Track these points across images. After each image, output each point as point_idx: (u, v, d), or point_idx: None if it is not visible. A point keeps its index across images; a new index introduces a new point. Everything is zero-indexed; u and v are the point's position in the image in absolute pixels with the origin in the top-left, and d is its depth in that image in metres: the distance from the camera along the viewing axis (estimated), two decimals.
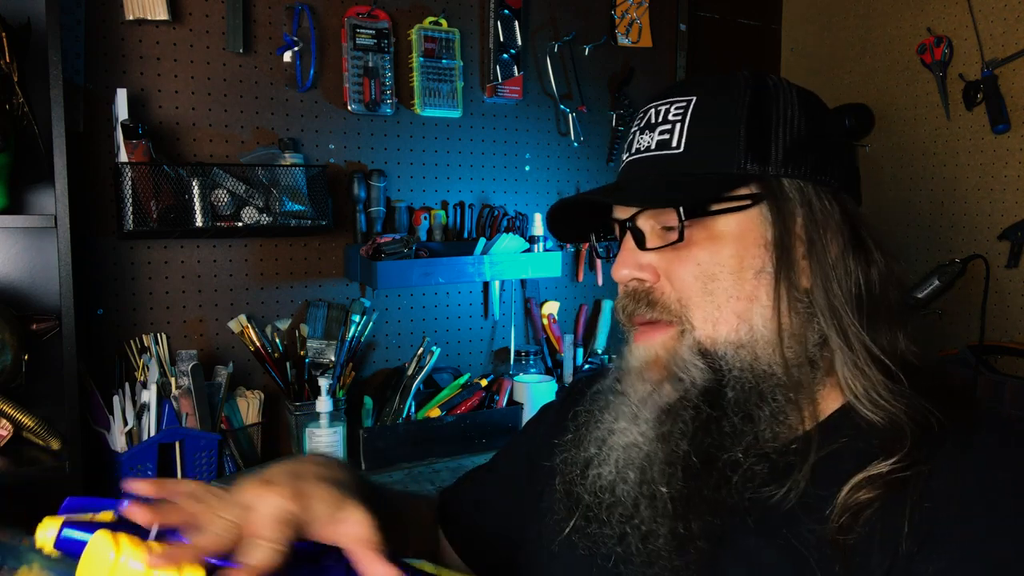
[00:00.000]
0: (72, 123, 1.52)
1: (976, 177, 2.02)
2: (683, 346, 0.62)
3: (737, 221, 0.62)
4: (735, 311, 0.61)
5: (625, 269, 0.65)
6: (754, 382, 0.60)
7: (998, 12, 1.94)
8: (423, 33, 1.88)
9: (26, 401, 1.43)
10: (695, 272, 0.62)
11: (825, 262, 0.61)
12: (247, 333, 1.71)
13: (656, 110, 0.66)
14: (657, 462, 0.61)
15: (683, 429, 0.60)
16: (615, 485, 0.63)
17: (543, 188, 2.16)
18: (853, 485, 0.55)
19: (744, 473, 0.59)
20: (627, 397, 0.65)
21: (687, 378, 0.61)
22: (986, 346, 1.93)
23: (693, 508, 0.59)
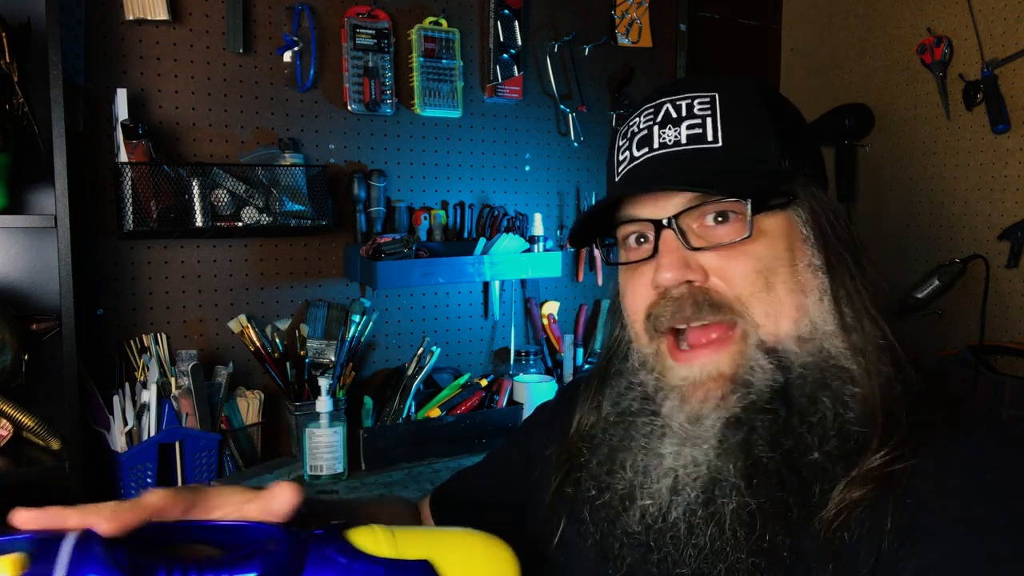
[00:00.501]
0: (72, 123, 1.52)
1: (976, 177, 2.02)
2: (749, 347, 0.60)
3: (782, 218, 0.62)
4: (795, 304, 0.60)
5: (671, 271, 0.61)
6: (821, 376, 0.59)
7: (998, 12, 1.94)
8: (423, 33, 1.88)
9: (26, 401, 1.43)
10: (756, 267, 0.60)
11: (850, 256, 0.63)
12: (247, 333, 1.71)
13: (674, 104, 0.64)
14: (729, 476, 0.58)
15: (763, 435, 0.58)
16: (669, 509, 0.60)
17: (543, 188, 2.16)
18: (847, 482, 0.55)
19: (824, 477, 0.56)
20: (670, 420, 0.62)
21: (757, 380, 0.59)
22: (986, 346, 1.93)
23: (776, 519, 0.56)
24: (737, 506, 0.57)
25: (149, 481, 1.51)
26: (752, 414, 0.58)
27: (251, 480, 1.60)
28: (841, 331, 0.60)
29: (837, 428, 0.57)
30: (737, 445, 0.58)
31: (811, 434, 0.57)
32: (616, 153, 0.69)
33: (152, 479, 1.52)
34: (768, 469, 0.57)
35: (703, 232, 0.62)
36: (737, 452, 0.58)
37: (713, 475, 0.59)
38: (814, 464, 0.57)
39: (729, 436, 0.58)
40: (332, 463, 1.66)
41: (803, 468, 0.57)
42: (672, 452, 0.61)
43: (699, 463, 0.59)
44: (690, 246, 0.61)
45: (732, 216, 0.61)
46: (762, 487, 0.57)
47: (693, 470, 0.60)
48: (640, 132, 0.65)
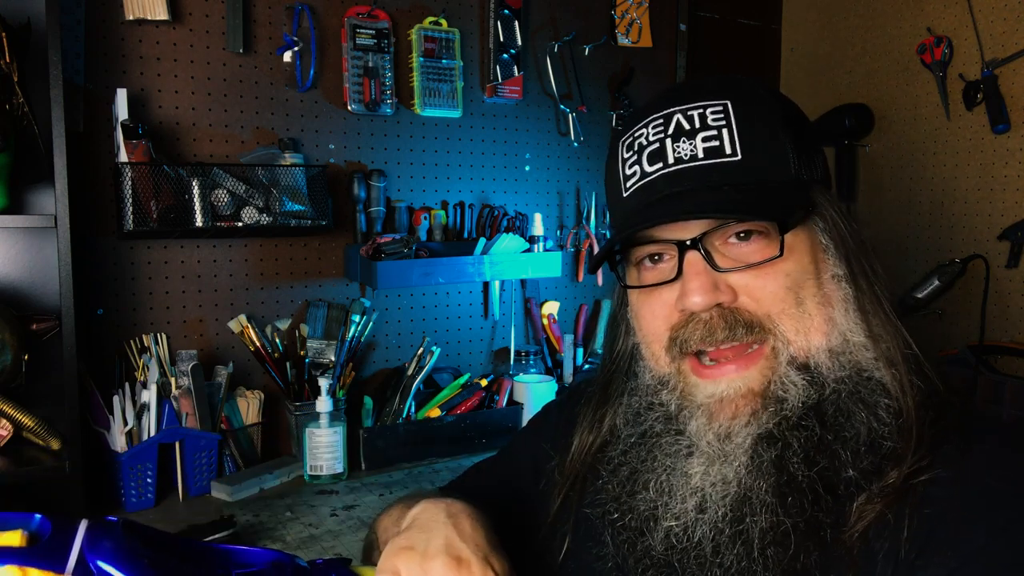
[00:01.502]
0: (72, 123, 1.52)
1: (976, 177, 2.02)
2: (781, 364, 0.58)
3: (804, 230, 0.61)
4: (823, 317, 0.59)
5: (700, 295, 0.58)
6: (855, 389, 0.58)
7: (998, 12, 1.94)
8: (423, 33, 1.88)
9: (26, 401, 1.43)
10: (786, 283, 0.59)
11: (868, 263, 0.62)
12: (247, 333, 1.71)
13: (685, 115, 0.61)
14: (760, 494, 0.56)
15: (797, 452, 0.56)
16: (694, 528, 0.59)
17: (543, 188, 2.16)
18: (869, 495, 0.54)
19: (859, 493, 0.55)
20: (695, 438, 0.60)
21: (791, 396, 0.57)
22: (986, 346, 1.93)
23: (810, 538, 0.55)
24: (767, 525, 0.55)
25: (149, 481, 1.51)
26: (786, 431, 0.57)
27: (251, 480, 1.60)
28: (870, 341, 0.59)
29: (870, 443, 0.56)
30: (770, 462, 0.56)
31: (845, 450, 0.56)
32: (622, 166, 0.65)
33: (152, 479, 1.52)
34: (803, 487, 0.55)
35: (727, 250, 0.60)
36: (770, 469, 0.56)
37: (744, 493, 0.57)
38: (849, 481, 0.56)
39: (762, 453, 0.57)
40: (332, 463, 1.66)
41: (838, 485, 0.56)
42: (700, 471, 0.59)
43: (729, 481, 0.58)
44: (717, 267, 0.59)
45: (756, 234, 0.59)
46: (797, 505, 0.55)
47: (722, 488, 0.58)
48: (651, 145, 0.62)
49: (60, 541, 0.45)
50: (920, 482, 0.54)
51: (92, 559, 0.45)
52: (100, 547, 0.45)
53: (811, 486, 0.55)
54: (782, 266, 0.59)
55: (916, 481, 0.54)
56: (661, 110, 0.63)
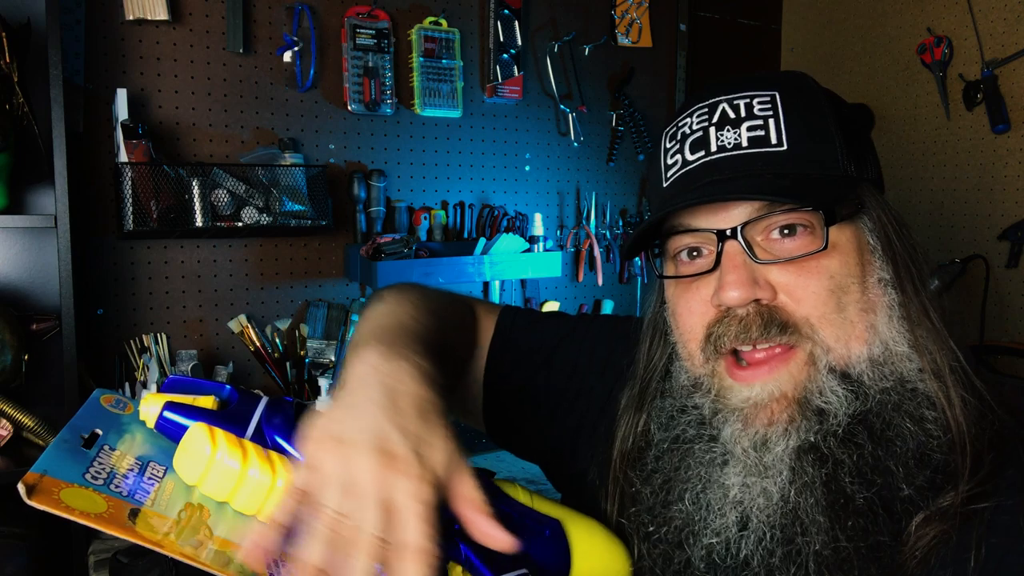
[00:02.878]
0: (72, 123, 1.52)
1: (976, 177, 2.02)
2: (819, 372, 0.54)
3: (851, 228, 0.57)
4: (865, 324, 0.55)
5: (738, 289, 0.54)
6: (900, 401, 0.54)
7: (998, 12, 1.94)
8: (423, 33, 1.88)
9: (26, 401, 1.43)
10: (829, 285, 0.55)
11: (916, 268, 0.59)
12: (247, 333, 1.71)
13: (731, 104, 0.58)
14: (812, 512, 0.53)
15: (850, 470, 0.53)
16: (740, 545, 0.55)
17: (543, 188, 2.16)
18: (926, 516, 0.52)
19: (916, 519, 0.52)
20: (731, 446, 0.57)
21: (831, 408, 0.54)
22: (986, 346, 1.93)
23: (875, 561, 0.52)
24: (822, 547, 0.52)
25: None
26: (834, 447, 0.53)
27: None
28: (914, 352, 0.56)
29: (920, 458, 0.53)
30: (820, 480, 0.53)
31: (899, 466, 0.53)
32: (664, 156, 0.62)
33: None
34: (863, 509, 0.52)
35: (768, 246, 0.56)
36: (819, 487, 0.53)
37: (792, 510, 0.54)
38: (907, 500, 0.52)
39: (807, 468, 0.53)
40: None
41: (895, 504, 0.52)
42: (738, 483, 0.56)
43: (771, 496, 0.54)
44: (757, 259, 0.55)
45: (800, 229, 0.56)
46: (857, 528, 0.52)
47: (764, 503, 0.55)
48: (694, 134, 0.59)
49: (244, 411, 0.52)
50: (985, 508, 0.51)
51: (268, 431, 0.51)
52: (274, 421, 0.52)
53: (870, 507, 0.52)
54: (826, 264, 0.55)
55: (980, 507, 0.51)
56: (707, 99, 0.60)
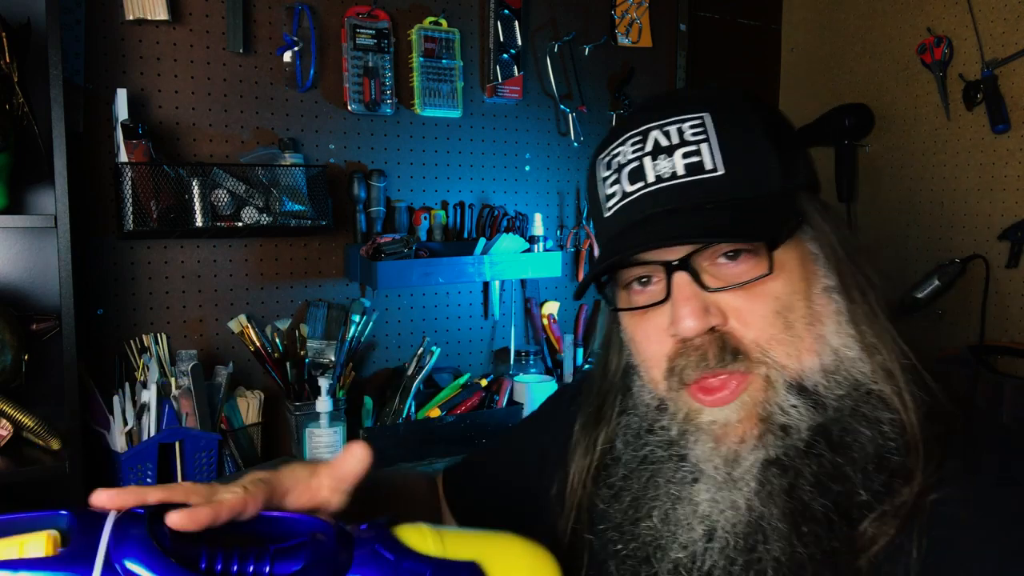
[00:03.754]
0: (72, 123, 1.52)
1: (976, 177, 2.02)
2: (777, 392, 0.56)
3: (793, 243, 0.58)
4: (813, 336, 0.57)
5: (693, 319, 0.55)
6: (856, 406, 0.56)
7: (998, 12, 1.94)
8: (423, 33, 1.88)
9: (26, 401, 1.43)
10: (775, 307, 0.56)
11: (860, 271, 0.60)
12: (247, 333, 1.71)
13: (662, 131, 0.59)
14: (774, 521, 0.55)
15: (809, 480, 0.54)
16: (704, 556, 0.57)
17: (543, 188, 2.16)
18: (877, 517, 0.53)
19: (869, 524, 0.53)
20: (700, 464, 0.58)
21: (794, 423, 0.55)
22: (986, 346, 1.93)
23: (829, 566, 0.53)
24: (780, 554, 0.54)
25: (149, 481, 1.51)
26: (796, 458, 0.55)
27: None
28: (865, 354, 0.57)
29: (878, 462, 0.54)
30: (782, 490, 0.55)
31: (856, 472, 0.54)
32: (601, 185, 0.63)
33: (152, 479, 1.51)
34: (818, 516, 0.54)
35: (715, 270, 0.57)
36: (781, 496, 0.55)
37: (755, 520, 0.55)
38: (864, 505, 0.54)
39: (771, 479, 0.55)
40: None
41: (852, 509, 0.54)
42: (707, 498, 0.57)
43: (739, 507, 0.56)
44: (706, 287, 0.56)
45: (745, 253, 0.57)
46: (812, 535, 0.53)
47: (732, 515, 0.56)
48: (630, 163, 0.60)
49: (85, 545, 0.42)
50: (929, 501, 0.52)
51: (122, 560, 0.42)
52: (127, 545, 0.42)
53: (826, 514, 0.54)
54: (772, 286, 0.56)
55: (926, 500, 0.52)
56: (638, 126, 0.60)
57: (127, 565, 0.42)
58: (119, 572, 0.42)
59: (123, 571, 0.42)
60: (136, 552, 0.42)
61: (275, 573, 0.46)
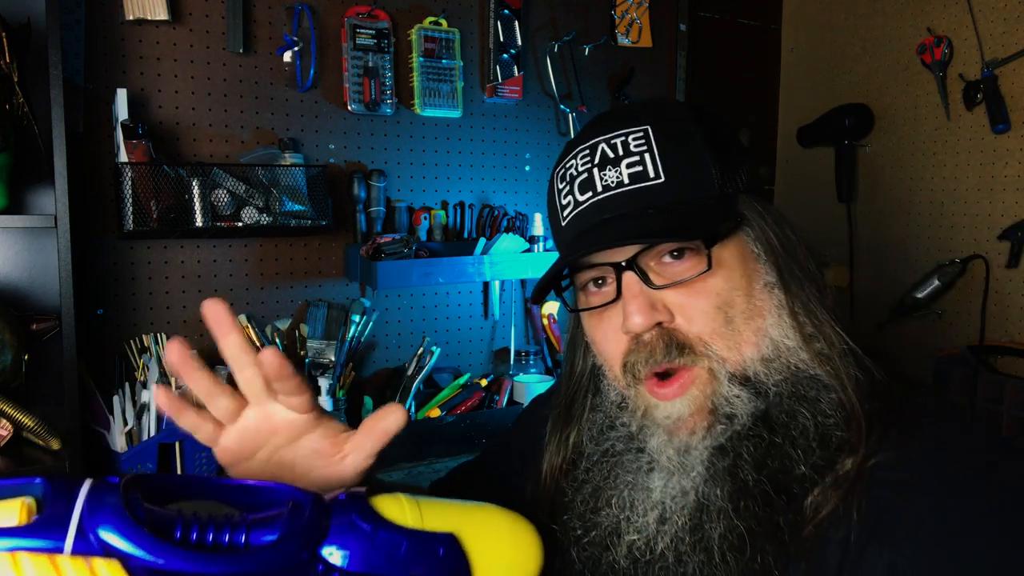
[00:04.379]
0: (72, 123, 1.52)
1: (976, 177, 2.02)
2: (721, 384, 0.60)
3: (734, 243, 0.63)
4: (752, 329, 0.61)
5: (640, 315, 0.60)
6: (795, 390, 0.60)
7: (998, 12, 1.94)
8: (423, 33, 1.88)
9: (26, 401, 1.43)
10: (716, 303, 0.61)
11: (799, 265, 0.64)
12: (247, 333, 1.71)
13: (608, 144, 0.64)
14: (717, 500, 0.59)
15: (748, 460, 0.58)
16: (656, 540, 0.61)
17: (543, 188, 2.16)
18: (823, 487, 0.56)
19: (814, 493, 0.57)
20: (657, 455, 0.62)
21: (738, 411, 0.59)
22: (986, 346, 1.93)
23: (766, 538, 0.57)
24: (724, 530, 0.58)
25: None
26: (737, 443, 0.59)
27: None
28: (803, 343, 0.61)
29: (820, 437, 0.58)
30: (724, 471, 0.59)
31: (796, 449, 0.58)
32: (558, 196, 0.68)
33: None
34: (754, 492, 0.58)
35: (661, 269, 0.62)
36: (724, 477, 0.59)
37: (701, 501, 0.59)
38: (803, 478, 0.57)
39: (716, 463, 0.59)
40: None
41: (792, 484, 0.58)
42: (660, 485, 0.62)
43: (687, 492, 0.60)
44: (652, 285, 0.61)
45: (687, 251, 0.61)
46: (750, 509, 0.57)
47: (681, 499, 0.60)
48: (580, 175, 0.65)
49: (58, 514, 0.41)
50: (868, 467, 0.56)
51: (95, 529, 0.42)
52: (101, 515, 0.42)
53: (762, 489, 0.57)
54: (712, 282, 0.61)
55: (865, 467, 0.56)
56: (587, 141, 0.66)
57: (101, 534, 0.41)
58: (92, 541, 0.41)
59: (96, 540, 0.41)
60: (110, 521, 0.42)
61: (251, 543, 0.46)
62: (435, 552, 0.50)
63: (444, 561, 0.50)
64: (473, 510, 0.54)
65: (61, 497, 0.42)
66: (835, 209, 2.32)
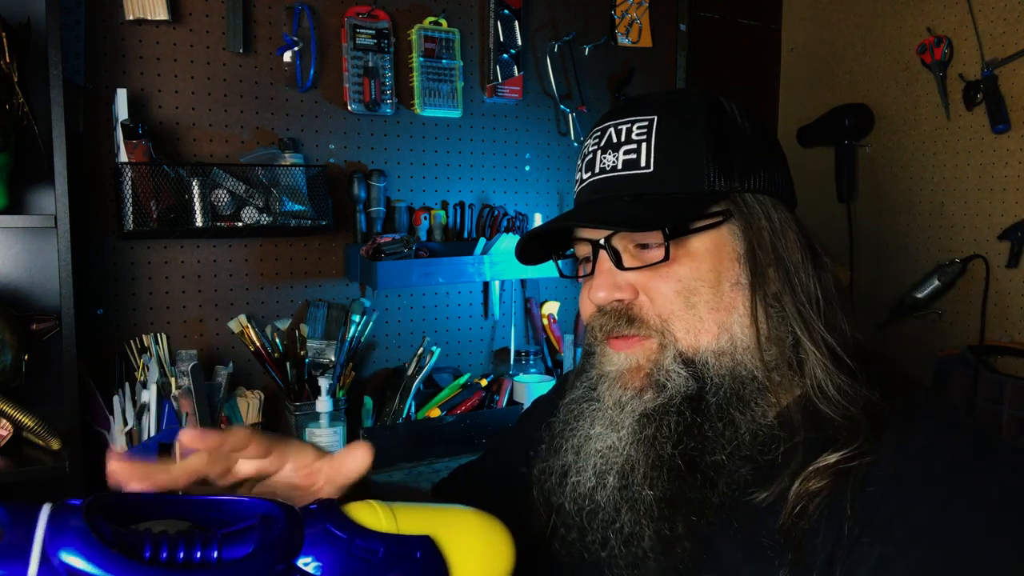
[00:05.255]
0: (72, 123, 1.52)
1: (976, 177, 2.02)
2: (666, 357, 0.64)
3: (711, 237, 0.65)
4: (715, 321, 0.64)
5: (603, 291, 0.66)
6: (735, 386, 0.63)
7: (998, 12, 1.94)
8: (423, 33, 1.88)
9: (26, 401, 1.43)
10: (676, 288, 0.64)
11: (790, 270, 0.65)
12: (247, 333, 1.71)
13: (616, 129, 0.67)
14: (640, 465, 0.63)
15: (667, 433, 0.62)
16: (595, 491, 0.65)
17: (543, 188, 2.16)
18: (804, 476, 0.58)
19: (728, 475, 0.61)
20: (602, 403, 0.67)
21: (671, 385, 0.63)
22: (986, 346, 1.93)
23: (678, 509, 0.61)
24: (643, 492, 0.62)
25: None
26: (662, 414, 0.63)
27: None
28: (757, 348, 0.64)
29: (753, 433, 0.62)
30: (647, 439, 0.63)
31: (718, 437, 0.62)
32: (578, 171, 0.73)
33: None
34: (668, 464, 0.62)
35: (635, 252, 0.66)
36: (648, 444, 0.63)
37: (629, 461, 0.63)
38: (718, 464, 0.62)
39: (643, 428, 0.63)
40: None
41: (705, 466, 0.62)
42: (598, 434, 0.66)
43: (616, 448, 0.64)
44: (621, 266, 0.66)
45: (654, 243, 0.65)
46: (662, 479, 0.62)
47: (611, 456, 0.65)
48: (588, 155, 0.70)
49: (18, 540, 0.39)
50: (863, 464, 0.57)
51: (58, 554, 0.39)
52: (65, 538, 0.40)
53: (675, 464, 0.62)
54: (675, 269, 0.64)
55: (859, 463, 0.57)
56: (604, 123, 0.69)
57: (64, 558, 0.39)
58: (57, 566, 0.39)
59: (61, 565, 0.39)
60: (74, 543, 0.40)
61: (223, 558, 0.45)
62: (412, 555, 0.49)
63: (422, 563, 0.49)
64: (445, 512, 0.54)
65: (20, 523, 0.40)
66: (835, 209, 2.32)
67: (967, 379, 1.92)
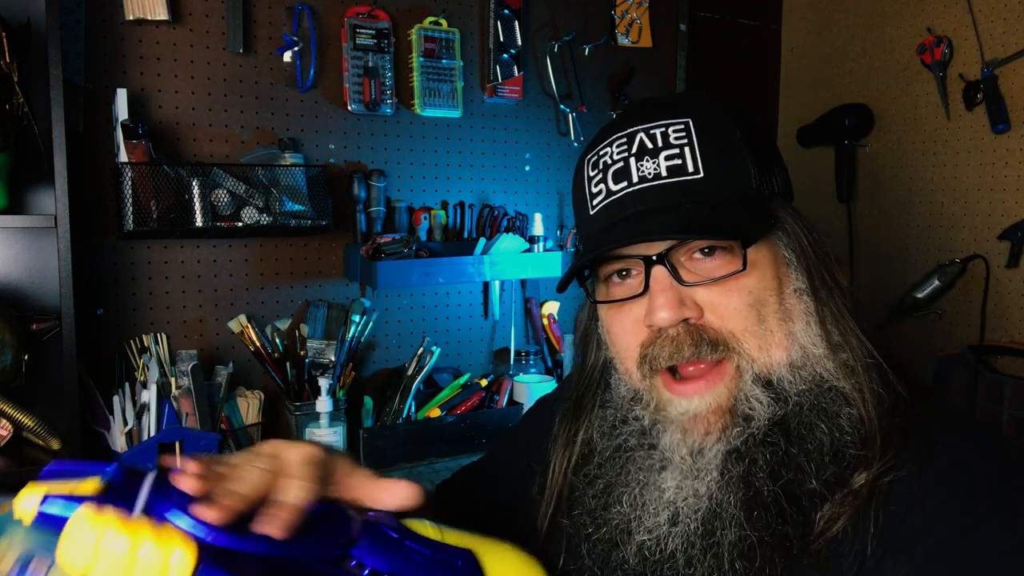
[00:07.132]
0: (72, 123, 1.52)
1: (976, 177, 2.02)
2: (746, 382, 0.59)
3: (767, 244, 0.62)
4: (784, 332, 0.60)
5: (668, 311, 0.59)
6: (817, 401, 0.59)
7: (998, 12, 1.94)
8: (423, 33, 1.88)
9: (26, 401, 1.43)
10: (748, 300, 0.59)
11: (828, 274, 0.63)
12: (247, 333, 1.71)
13: (648, 133, 0.62)
14: (729, 507, 0.58)
15: (763, 467, 0.57)
16: (667, 540, 0.60)
17: (543, 188, 2.16)
18: (832, 504, 0.56)
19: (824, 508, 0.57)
20: (671, 454, 0.61)
21: (757, 414, 0.59)
22: (986, 346, 1.93)
23: (779, 550, 0.56)
24: (736, 538, 0.57)
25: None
26: (752, 447, 0.58)
27: None
28: (830, 352, 0.60)
29: (834, 453, 0.58)
30: (738, 477, 0.58)
31: (810, 463, 0.57)
32: (588, 184, 0.66)
33: None
34: (767, 502, 0.57)
35: (692, 265, 0.61)
36: (738, 484, 0.58)
37: (714, 507, 0.58)
38: (813, 492, 0.57)
39: (731, 468, 0.58)
40: None
41: (802, 497, 0.57)
42: (673, 485, 0.60)
43: (700, 495, 0.59)
44: (683, 281, 0.60)
45: (719, 250, 0.60)
46: (762, 520, 0.56)
47: (694, 502, 0.59)
48: (615, 164, 0.63)
49: (129, 487, 0.46)
50: (886, 482, 0.55)
51: (159, 506, 0.46)
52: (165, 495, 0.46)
53: (775, 500, 0.57)
54: (745, 281, 0.60)
55: (882, 481, 0.55)
56: (624, 129, 0.64)
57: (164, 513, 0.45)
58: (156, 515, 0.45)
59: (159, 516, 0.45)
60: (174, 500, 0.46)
61: (290, 540, 0.49)
62: (454, 563, 0.53)
63: (462, 571, 0.53)
64: (488, 541, 0.58)
65: (131, 477, 0.47)
66: (835, 209, 2.32)
67: (967, 379, 1.92)
